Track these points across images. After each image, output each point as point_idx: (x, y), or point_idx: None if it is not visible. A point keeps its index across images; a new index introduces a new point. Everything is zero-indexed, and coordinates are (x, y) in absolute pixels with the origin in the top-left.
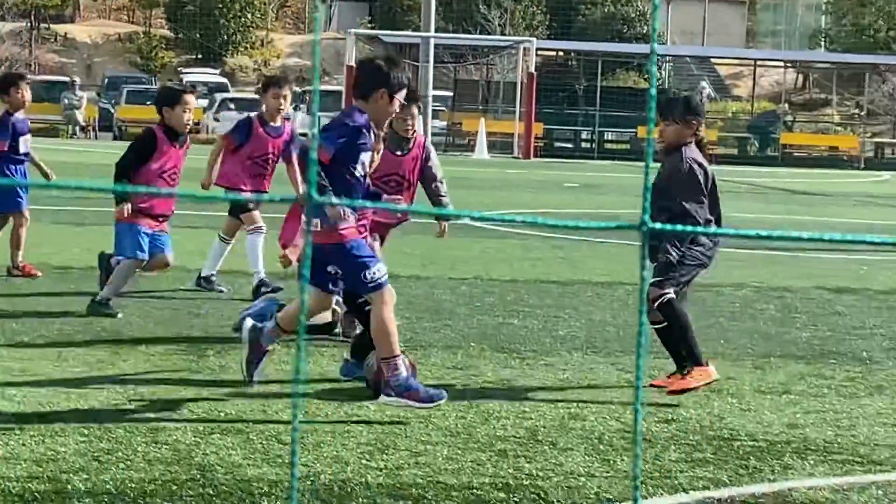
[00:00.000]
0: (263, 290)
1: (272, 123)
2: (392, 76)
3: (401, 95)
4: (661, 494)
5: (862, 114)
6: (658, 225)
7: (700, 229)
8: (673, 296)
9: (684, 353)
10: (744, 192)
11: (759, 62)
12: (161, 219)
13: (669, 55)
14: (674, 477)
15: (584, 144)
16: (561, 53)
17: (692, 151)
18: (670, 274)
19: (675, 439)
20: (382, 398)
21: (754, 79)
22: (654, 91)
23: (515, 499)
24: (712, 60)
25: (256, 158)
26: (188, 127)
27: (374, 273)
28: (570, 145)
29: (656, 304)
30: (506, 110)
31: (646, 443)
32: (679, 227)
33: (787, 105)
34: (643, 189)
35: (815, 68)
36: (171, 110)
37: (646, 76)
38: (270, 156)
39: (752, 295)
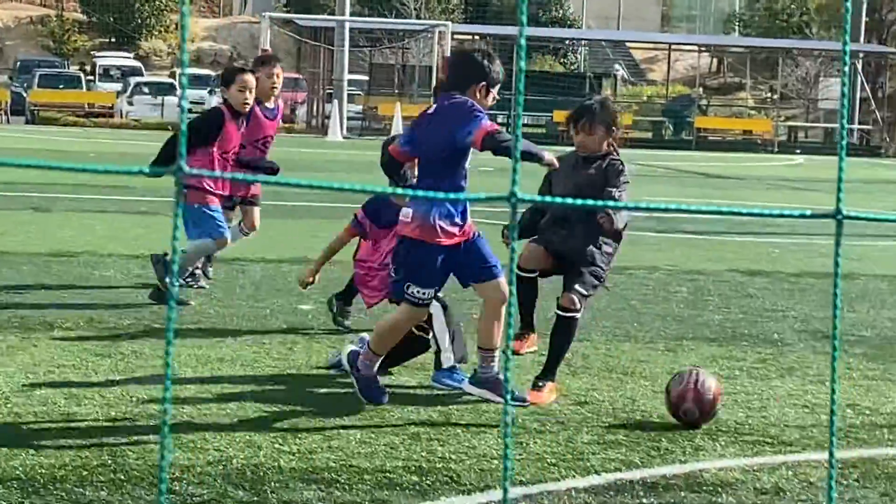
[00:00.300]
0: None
1: (267, 104)
2: (492, 69)
3: (496, 90)
4: (574, 476)
5: (775, 98)
6: (527, 196)
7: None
8: (579, 317)
9: (550, 366)
10: (659, 175)
11: (673, 46)
12: (220, 197)
13: (585, 39)
14: (586, 459)
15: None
16: (476, 37)
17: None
18: (593, 290)
19: (588, 422)
20: (345, 361)
21: (669, 63)
22: (523, 64)
23: (428, 481)
24: (627, 45)
25: (256, 143)
26: (246, 106)
27: (420, 292)
28: None
29: (564, 312)
30: (421, 94)
31: (558, 425)
32: (548, 198)
33: (701, 89)
34: (513, 161)
35: (730, 52)
36: (228, 90)
37: (561, 60)
38: (269, 138)
39: (665, 278)
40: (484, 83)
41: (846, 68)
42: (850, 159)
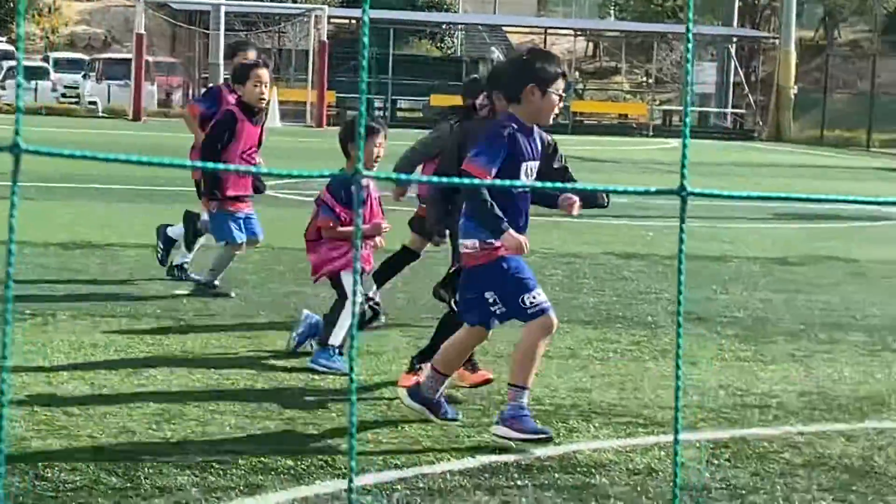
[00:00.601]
0: (179, 273)
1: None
2: (537, 67)
3: (557, 86)
4: (449, 459)
5: (650, 81)
6: (371, 172)
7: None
8: None
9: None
10: None
11: (549, 31)
12: (246, 199)
13: (461, 23)
14: (461, 442)
15: (376, 113)
16: (353, 21)
17: None
18: None
19: (463, 405)
20: (494, 427)
21: (545, 47)
22: (366, 40)
23: (303, 466)
24: (504, 29)
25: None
26: (263, 101)
27: (534, 297)
28: None
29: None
30: (298, 78)
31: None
32: (393, 174)
33: (577, 73)
34: (358, 139)
35: (605, 37)
36: (243, 87)
37: (438, 44)
38: None
39: (541, 261)
40: (532, 84)
41: (690, 45)
42: (724, 143)
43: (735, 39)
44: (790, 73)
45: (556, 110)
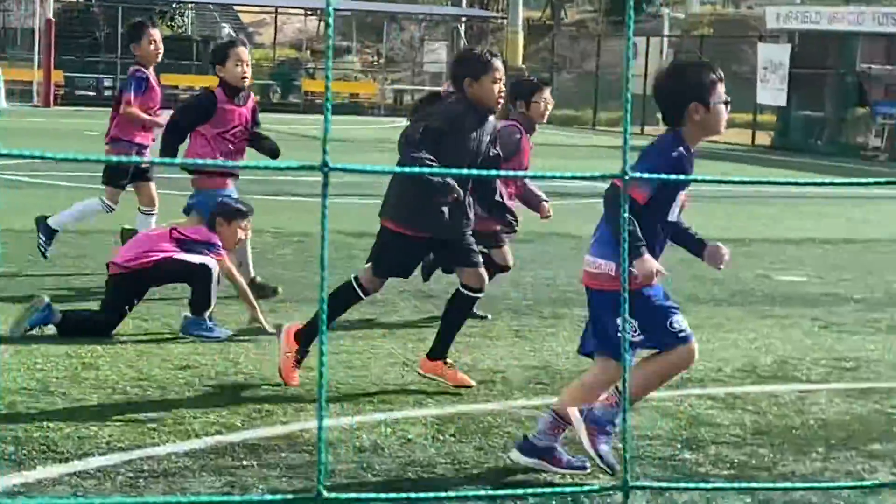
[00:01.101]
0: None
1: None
2: (693, 82)
3: (719, 94)
4: (174, 441)
5: (382, 61)
6: (339, 165)
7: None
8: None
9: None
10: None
11: (280, 10)
12: (233, 176)
13: (192, 2)
14: (187, 423)
15: (106, 93)
16: (81, 0)
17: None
18: None
19: (190, 386)
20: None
21: (276, 26)
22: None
23: (24, 451)
24: (235, 8)
25: (149, 111)
26: (245, 80)
27: (680, 322)
28: (92, 94)
29: (472, 292)
30: (24, 57)
31: (160, 390)
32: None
33: (309, 52)
34: (323, 132)
35: (336, 16)
36: (223, 66)
37: (169, 23)
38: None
39: (272, 240)
40: (693, 102)
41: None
42: None
43: (464, 19)
44: (518, 52)
45: (726, 116)
